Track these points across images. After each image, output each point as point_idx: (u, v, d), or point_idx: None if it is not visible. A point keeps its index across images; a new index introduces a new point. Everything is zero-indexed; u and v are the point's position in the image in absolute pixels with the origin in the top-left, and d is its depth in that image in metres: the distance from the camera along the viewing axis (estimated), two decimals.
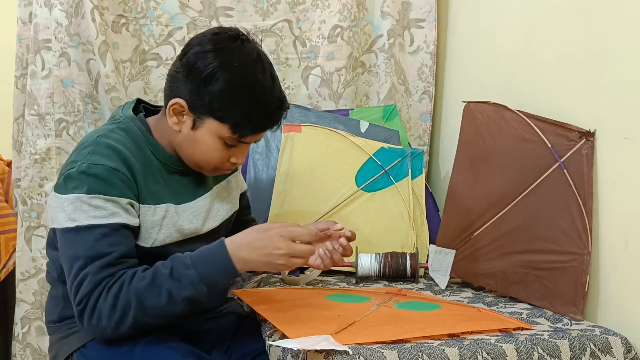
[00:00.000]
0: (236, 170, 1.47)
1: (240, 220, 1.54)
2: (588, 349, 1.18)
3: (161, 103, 1.35)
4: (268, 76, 1.25)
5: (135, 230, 1.23)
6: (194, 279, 1.15)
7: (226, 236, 1.45)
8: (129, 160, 1.22)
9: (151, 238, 1.25)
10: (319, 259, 1.30)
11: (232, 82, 1.21)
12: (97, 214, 1.17)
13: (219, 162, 1.30)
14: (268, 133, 1.89)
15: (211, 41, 1.24)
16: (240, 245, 1.18)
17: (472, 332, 1.19)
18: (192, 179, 1.35)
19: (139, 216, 1.24)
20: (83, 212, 1.17)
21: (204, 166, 1.31)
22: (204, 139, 1.26)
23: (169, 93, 1.27)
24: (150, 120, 1.33)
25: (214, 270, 1.17)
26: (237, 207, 1.49)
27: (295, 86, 2.07)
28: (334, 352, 1.06)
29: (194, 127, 1.25)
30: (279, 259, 1.15)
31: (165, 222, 1.27)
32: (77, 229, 1.17)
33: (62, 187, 1.20)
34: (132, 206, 1.22)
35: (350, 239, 1.31)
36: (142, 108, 1.38)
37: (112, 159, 1.20)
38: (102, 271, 1.16)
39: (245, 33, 1.29)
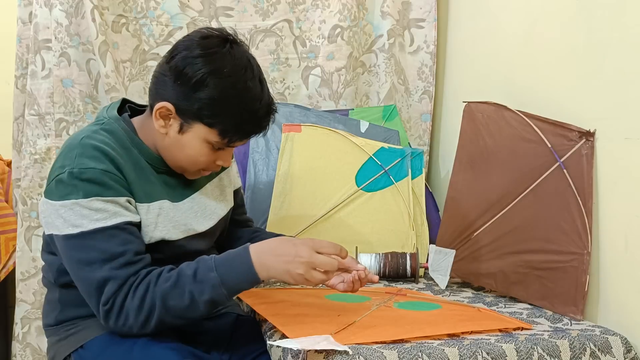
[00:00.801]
0: (227, 166, 1.43)
1: (235, 220, 1.51)
2: (588, 349, 1.18)
3: None
4: (257, 82, 1.23)
5: (139, 225, 1.23)
6: (215, 282, 1.15)
7: (222, 234, 1.45)
8: (117, 160, 1.21)
9: (147, 235, 1.24)
10: (342, 284, 1.25)
11: (223, 89, 1.19)
12: (99, 216, 1.16)
13: (204, 165, 1.29)
14: (268, 133, 1.91)
15: (200, 46, 1.21)
16: (264, 251, 1.17)
17: (472, 332, 1.19)
18: (181, 179, 1.34)
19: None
20: (85, 217, 1.16)
21: (189, 169, 1.30)
22: (191, 143, 1.24)
23: (155, 95, 1.25)
24: (136, 120, 1.31)
25: (236, 274, 1.16)
26: (232, 204, 1.46)
27: (295, 86, 2.07)
28: (334, 352, 1.06)
29: (181, 131, 1.24)
30: (299, 268, 1.13)
31: (160, 219, 1.26)
32: (82, 235, 1.16)
33: (54, 193, 1.18)
34: (130, 203, 1.21)
35: (372, 280, 1.27)
36: (128, 108, 1.36)
37: (100, 161, 1.18)
38: (122, 270, 1.15)
39: (233, 34, 1.27)
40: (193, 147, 1.24)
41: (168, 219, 1.28)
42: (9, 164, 2.14)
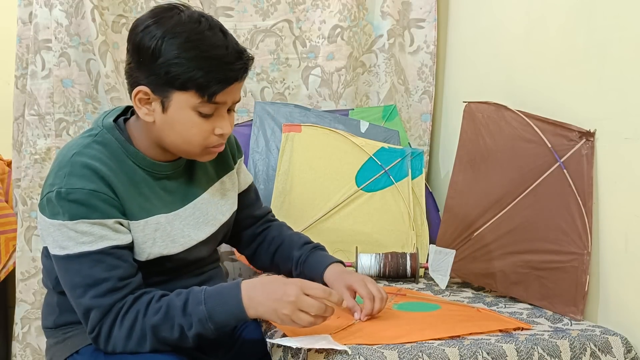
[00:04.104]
0: (231, 169, 1.41)
1: (255, 215, 1.49)
2: (588, 349, 1.18)
3: None
4: (218, 31, 1.18)
5: (130, 246, 1.20)
6: (202, 316, 1.13)
7: (224, 237, 1.43)
8: (109, 178, 1.17)
9: (145, 252, 1.22)
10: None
11: (179, 45, 1.15)
12: (85, 239, 1.14)
13: (202, 138, 1.22)
14: (268, 132, 1.91)
15: (149, 17, 1.19)
16: (255, 287, 1.14)
17: (472, 333, 1.19)
18: (181, 183, 1.31)
19: (130, 231, 1.21)
20: (71, 240, 1.14)
21: (191, 148, 1.24)
22: (178, 117, 1.19)
23: (130, 88, 1.22)
24: (130, 123, 1.28)
25: (224, 310, 1.13)
26: (235, 207, 1.43)
27: (295, 86, 2.07)
28: (334, 351, 1.06)
29: (164, 109, 1.19)
30: (285, 308, 1.09)
31: (158, 234, 1.23)
32: (68, 257, 1.15)
33: (45, 209, 1.17)
34: (121, 224, 1.19)
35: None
36: (131, 113, 1.31)
37: (90, 180, 1.15)
38: (106, 298, 1.14)
39: (185, 5, 1.23)
40: (181, 120, 1.19)
41: (166, 234, 1.25)
42: (9, 164, 2.14)
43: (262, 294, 1.13)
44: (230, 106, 1.24)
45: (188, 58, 1.15)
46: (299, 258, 1.41)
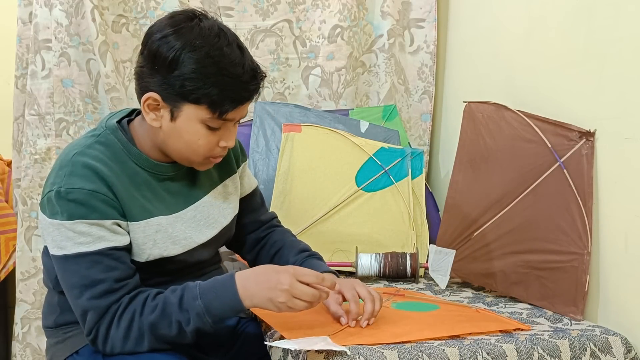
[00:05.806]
0: (234, 172, 1.41)
1: (259, 220, 1.49)
2: (588, 349, 1.18)
3: None
4: (235, 47, 1.18)
5: (127, 248, 1.20)
6: (200, 310, 1.13)
7: (226, 241, 1.43)
8: (109, 178, 1.17)
9: (145, 253, 1.22)
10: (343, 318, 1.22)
11: (198, 60, 1.15)
12: (82, 240, 1.14)
13: (207, 149, 1.23)
14: (268, 132, 1.91)
15: (168, 25, 1.18)
16: (249, 277, 1.15)
17: (471, 333, 1.19)
18: (184, 185, 1.30)
19: (129, 232, 1.20)
20: (69, 240, 1.14)
21: (194, 157, 1.24)
22: (186, 128, 1.19)
23: (140, 92, 1.21)
24: (134, 125, 1.28)
25: (220, 303, 1.14)
26: (236, 212, 1.42)
27: (295, 86, 2.07)
28: (334, 352, 1.06)
29: (172, 118, 1.19)
30: (280, 296, 1.11)
31: (159, 236, 1.23)
32: (66, 258, 1.15)
33: (46, 208, 1.17)
34: (119, 225, 1.18)
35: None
36: (136, 114, 1.32)
37: (90, 180, 1.16)
38: (103, 299, 1.14)
39: (203, 11, 1.23)
40: (189, 131, 1.20)
41: (167, 235, 1.24)
42: (9, 164, 2.14)
43: (257, 284, 1.13)
44: (237, 120, 1.25)
45: (205, 74, 1.16)
46: (293, 263, 1.41)
